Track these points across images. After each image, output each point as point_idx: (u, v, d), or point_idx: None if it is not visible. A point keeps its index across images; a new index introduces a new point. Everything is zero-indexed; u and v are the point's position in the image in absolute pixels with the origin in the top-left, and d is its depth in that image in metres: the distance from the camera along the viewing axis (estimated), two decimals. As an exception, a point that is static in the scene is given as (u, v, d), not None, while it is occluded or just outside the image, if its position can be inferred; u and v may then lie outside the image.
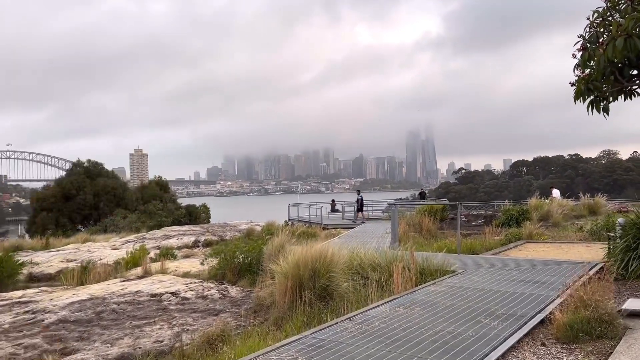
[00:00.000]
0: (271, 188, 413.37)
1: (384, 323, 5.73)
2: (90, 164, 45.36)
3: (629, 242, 8.55)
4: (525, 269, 9.04)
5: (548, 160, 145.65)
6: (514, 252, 11.87)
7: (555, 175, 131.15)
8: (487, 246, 16.04)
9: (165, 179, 52.46)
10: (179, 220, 44.69)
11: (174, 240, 21.19)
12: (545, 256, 10.91)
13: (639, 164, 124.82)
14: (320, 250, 8.38)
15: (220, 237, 22.05)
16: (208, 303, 9.09)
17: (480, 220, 24.16)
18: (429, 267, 8.99)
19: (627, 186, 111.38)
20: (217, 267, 11.22)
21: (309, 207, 34.44)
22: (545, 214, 22.41)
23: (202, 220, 48.91)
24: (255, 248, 11.16)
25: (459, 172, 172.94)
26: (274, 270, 8.32)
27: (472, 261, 10.22)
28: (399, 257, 9.19)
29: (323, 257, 8.24)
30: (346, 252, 9.78)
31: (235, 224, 26.85)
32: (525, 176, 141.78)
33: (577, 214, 23.49)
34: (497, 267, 9.30)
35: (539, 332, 5.59)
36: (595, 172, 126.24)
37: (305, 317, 7.20)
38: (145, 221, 39.78)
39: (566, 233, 17.12)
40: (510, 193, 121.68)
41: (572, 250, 11.77)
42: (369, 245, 13.58)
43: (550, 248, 12.40)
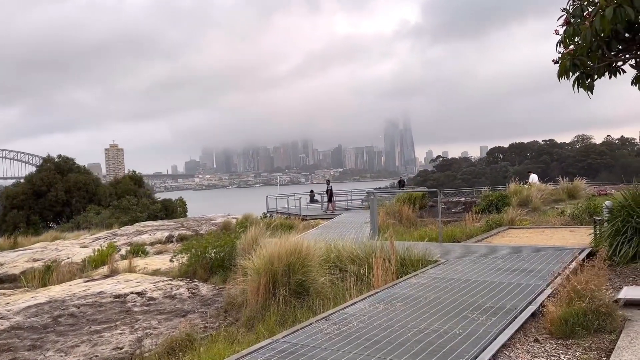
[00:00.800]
0: (250, 180, 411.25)
1: (363, 322, 5.22)
2: (61, 160, 43.88)
3: (617, 225, 8.20)
4: (510, 256, 8.64)
5: (523, 146, 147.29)
6: (496, 239, 11.50)
7: (530, 160, 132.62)
8: (468, 233, 15.71)
9: (140, 174, 51.22)
10: (154, 215, 43.66)
11: (147, 236, 20.41)
12: (529, 242, 10.54)
13: (612, 148, 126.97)
14: (296, 243, 7.83)
15: (195, 231, 21.32)
16: (176, 303, 8.48)
17: (459, 207, 23.90)
18: (410, 258, 8.52)
19: (601, 170, 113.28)
20: (187, 264, 10.59)
21: (288, 198, 33.87)
22: (525, 199, 22.23)
23: (179, 215, 47.91)
24: (228, 242, 10.56)
25: (436, 160, 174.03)
26: (245, 266, 7.74)
27: (455, 250, 9.80)
28: (379, 248, 8.70)
29: (298, 250, 7.69)
30: (323, 245, 9.26)
31: (211, 217, 26.12)
32: (502, 162, 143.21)
33: (557, 198, 23.38)
34: (480, 256, 8.88)
35: (531, 327, 5.14)
36: (570, 156, 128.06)
37: (279, 316, 6.66)
38: (119, 217, 38.68)
39: (547, 218, 16.88)
40: (487, 179, 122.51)
41: (556, 235, 11.44)
42: (347, 236, 13.09)
43: (534, 233, 12.06)
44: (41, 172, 42.01)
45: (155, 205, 44.21)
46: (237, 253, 10.39)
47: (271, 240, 10.94)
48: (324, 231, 15.78)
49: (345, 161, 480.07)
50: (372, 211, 11.77)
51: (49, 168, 41.95)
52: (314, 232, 15.74)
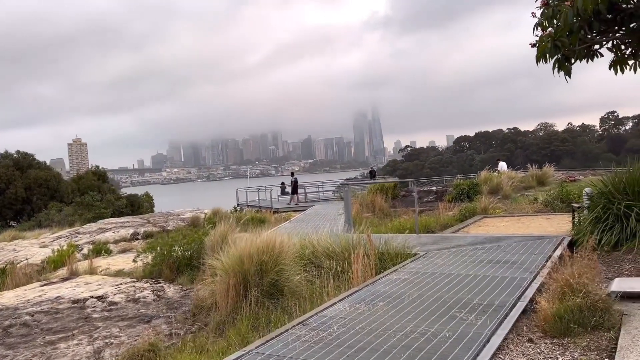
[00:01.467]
0: (220, 173, 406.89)
1: (344, 326, 4.79)
2: (20, 155, 42.01)
3: (598, 213, 8.00)
4: (490, 247, 8.36)
5: (489, 134, 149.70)
6: (473, 229, 11.25)
7: (495, 149, 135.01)
8: (442, 222, 15.50)
9: (104, 169, 49.59)
10: (120, 211, 42.34)
11: (110, 234, 19.54)
12: (507, 231, 10.32)
13: (573, 135, 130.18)
14: (267, 239, 7.34)
15: (162, 227, 20.54)
16: (140, 307, 7.89)
17: (431, 196, 23.78)
18: (388, 251, 8.14)
19: (563, 156, 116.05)
20: (152, 264, 9.97)
21: (258, 191, 33.25)
22: (495, 186, 22.25)
23: (145, 210, 46.64)
24: (195, 240, 9.98)
25: (405, 150, 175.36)
26: (213, 266, 7.22)
27: (433, 241, 9.48)
28: (355, 242, 8.29)
29: (270, 247, 7.20)
30: (297, 240, 8.81)
31: (179, 212, 25.30)
32: (468, 151, 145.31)
33: (526, 185, 23.48)
34: (460, 247, 8.58)
35: (523, 325, 4.81)
36: (534, 144, 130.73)
37: (252, 319, 6.18)
38: (82, 214, 37.34)
39: (520, 205, 16.83)
40: (455, 168, 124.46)
41: (533, 223, 11.27)
42: (321, 229, 12.66)
43: (510, 222, 11.88)
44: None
45: (120, 201, 42.87)
46: (206, 251, 9.84)
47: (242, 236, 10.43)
48: (297, 225, 15.32)
49: (315, 152, 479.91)
50: (346, 203, 11.36)
51: (7, 164, 40.09)
52: (286, 225, 15.27)
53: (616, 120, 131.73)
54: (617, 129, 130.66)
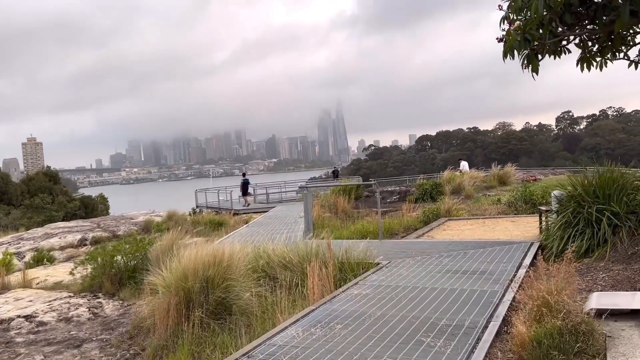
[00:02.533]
0: (182, 173, 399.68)
1: (295, 358, 4.13)
2: (-39, 156, 39.60)
3: (568, 217, 7.61)
4: (456, 254, 7.86)
5: (449, 134, 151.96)
6: (438, 233, 10.79)
7: (456, 147, 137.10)
8: (406, 225, 15.05)
9: (55, 169, 47.45)
10: (73, 213, 40.54)
11: (56, 240, 18.30)
12: (473, 235, 9.89)
13: (531, 134, 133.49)
14: (215, 251, 6.61)
15: (113, 232, 19.42)
16: (71, 328, 7.03)
17: (395, 197, 23.41)
18: (349, 261, 7.54)
19: (520, 155, 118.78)
20: (90, 276, 9.06)
21: (218, 192, 32.21)
22: (458, 186, 22.08)
23: (100, 212, 44.83)
24: (139, 249, 9.12)
25: (369, 149, 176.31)
26: (154, 283, 6.44)
27: (397, 248, 8.93)
28: (314, 250, 7.66)
29: (218, 260, 6.48)
30: (251, 249, 8.11)
31: (132, 215, 24.09)
32: (430, 150, 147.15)
33: (488, 185, 23.42)
34: (424, 254, 8.06)
35: (497, 351, 4.26)
36: (493, 143, 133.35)
37: (194, 344, 5.46)
38: (31, 217, 35.48)
39: (483, 206, 16.58)
40: (417, 167, 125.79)
41: (498, 226, 10.90)
42: (280, 235, 11.99)
43: (475, 225, 11.48)
44: (-62, 171, 37.63)
45: (72, 203, 41.03)
46: (151, 261, 9.01)
47: (193, 243, 9.64)
48: (255, 229, 14.58)
49: (279, 151, 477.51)
50: (305, 207, 10.68)
51: (-52, 165, 37.68)
52: (243, 230, 14.50)
53: (571, 119, 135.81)
54: (572, 128, 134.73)
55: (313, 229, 11.34)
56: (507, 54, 7.42)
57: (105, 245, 10.29)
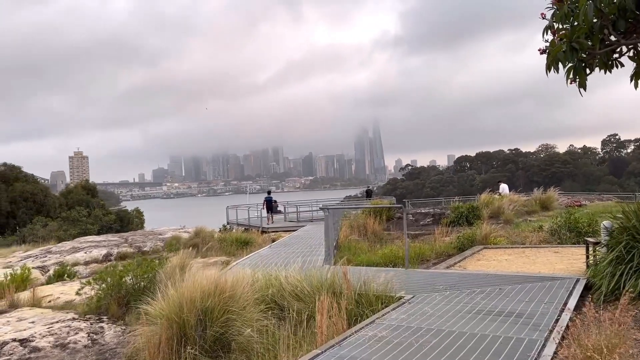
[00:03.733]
0: (220, 188, 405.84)
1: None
2: (6, 168, 40.77)
3: (620, 252, 6.65)
4: (490, 290, 6.98)
5: (490, 155, 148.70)
6: (471, 263, 9.87)
7: (496, 169, 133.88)
8: (438, 251, 14.17)
9: (94, 183, 48.33)
10: (108, 226, 41.03)
11: (81, 254, 18.15)
12: (510, 268, 8.95)
13: (575, 157, 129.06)
14: (217, 279, 5.99)
15: (139, 248, 19.17)
16: (65, 357, 6.51)
17: (428, 219, 22.39)
18: (367, 293, 6.77)
19: (564, 178, 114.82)
20: (96, 298, 8.59)
21: (248, 209, 31.84)
22: (496, 210, 20.96)
23: (135, 226, 45.28)
24: (148, 271, 8.60)
25: (405, 169, 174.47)
26: (147, 312, 5.85)
27: (423, 279, 8.09)
28: (329, 281, 6.94)
29: (220, 289, 5.86)
30: (262, 275, 7.46)
31: (161, 231, 23.92)
32: (469, 171, 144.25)
33: (529, 210, 22.14)
34: (454, 289, 7.21)
35: None
36: (535, 165, 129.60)
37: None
38: (67, 229, 36.00)
39: (523, 232, 15.48)
40: (455, 188, 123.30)
41: (540, 257, 9.89)
42: (302, 257, 11.29)
43: (513, 255, 10.50)
44: (-17, 182, 38.83)
45: (108, 217, 41.48)
46: (160, 283, 8.48)
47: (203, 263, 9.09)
48: (277, 249, 13.93)
49: (316, 169, 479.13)
50: (326, 231, 9.95)
51: (-8, 177, 38.85)
52: (264, 252, 13.88)
53: (618, 143, 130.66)
54: (618, 151, 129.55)
55: (336, 253, 10.60)
56: (551, 67, 6.60)
57: (115, 265, 9.84)
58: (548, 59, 6.38)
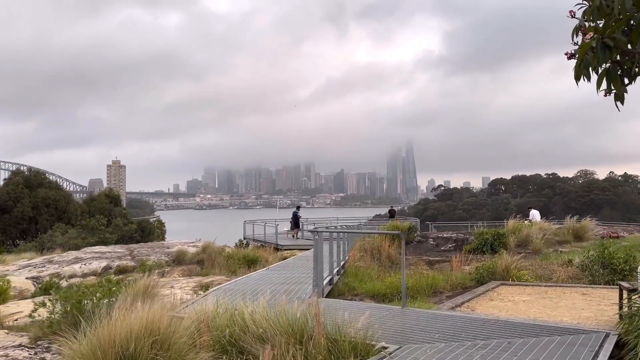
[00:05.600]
0: (251, 202, 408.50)
1: None
2: (31, 173, 41.13)
3: (662, 306, 5.27)
4: (495, 344, 5.67)
5: (526, 178, 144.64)
6: (482, 304, 8.50)
7: (532, 194, 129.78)
8: (454, 282, 12.85)
9: (117, 191, 48.41)
10: (129, 236, 40.77)
11: (80, 266, 17.43)
12: (528, 313, 7.56)
13: (615, 184, 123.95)
14: (153, 317, 4.91)
15: (141, 261, 18.35)
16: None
17: (450, 245, 20.92)
18: (343, 340, 5.56)
19: (603, 206, 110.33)
20: (47, 324, 7.62)
21: (265, 225, 30.89)
22: (524, 238, 19.39)
23: (156, 237, 44.96)
24: (107, 294, 7.60)
25: (438, 189, 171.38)
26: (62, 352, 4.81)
27: (419, 323, 6.79)
28: (299, 322, 5.78)
29: (151, 330, 4.77)
30: (226, 309, 6.36)
31: (170, 244, 23.14)
32: (503, 194, 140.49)
33: (561, 240, 20.41)
34: (452, 339, 5.91)
35: None
36: (572, 191, 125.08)
37: None
38: (85, 237, 35.78)
39: (551, 265, 13.94)
40: (488, 211, 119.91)
41: (564, 300, 8.44)
42: (295, 285, 10.12)
43: (533, 295, 9.06)
44: (8, 186, 39.18)
45: (129, 227, 41.18)
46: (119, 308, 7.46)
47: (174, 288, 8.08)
48: (272, 273, 12.80)
49: (347, 186, 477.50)
50: (315, 257, 8.67)
51: (17, 182, 39.15)
52: (256, 275, 12.75)
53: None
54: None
55: (325, 284, 9.38)
56: (580, 75, 5.25)
57: (79, 285, 8.88)
58: (577, 64, 5.09)
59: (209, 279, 15.02)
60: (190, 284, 14.37)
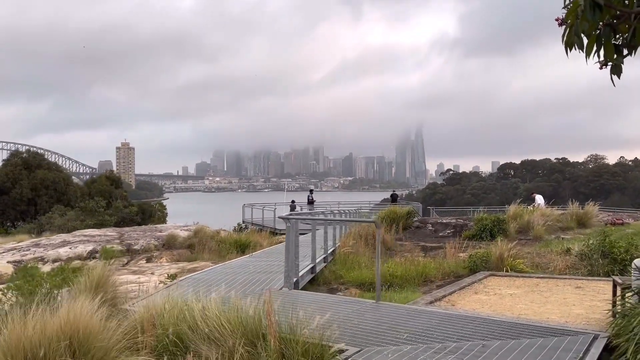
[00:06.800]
0: (260, 185, 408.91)
1: None
2: (29, 155, 40.77)
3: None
4: (468, 348, 5.05)
5: (535, 163, 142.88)
6: (465, 297, 7.86)
7: (542, 178, 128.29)
8: (446, 270, 12.32)
9: (118, 174, 48.13)
10: (129, 219, 40.50)
11: (65, 250, 16.99)
12: (512, 309, 6.92)
13: (625, 169, 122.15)
14: (75, 315, 4.34)
15: (129, 246, 17.88)
16: None
17: (448, 231, 20.25)
18: (297, 341, 4.97)
19: (613, 191, 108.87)
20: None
21: (263, 208, 30.44)
22: (526, 224, 18.72)
23: (157, 220, 44.72)
24: (57, 285, 7.07)
25: (446, 173, 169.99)
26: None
27: (390, 321, 6.17)
28: (253, 321, 5.20)
29: (72, 331, 4.20)
30: (173, 305, 5.79)
31: (162, 228, 22.64)
32: (512, 179, 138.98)
33: (564, 226, 19.68)
34: (420, 340, 5.30)
35: None
36: (582, 176, 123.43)
37: None
38: (84, 220, 35.51)
39: (549, 254, 13.29)
40: (497, 195, 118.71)
41: (555, 295, 7.79)
42: (270, 275, 9.55)
43: (522, 288, 8.42)
44: (6, 167, 38.88)
45: (129, 209, 40.86)
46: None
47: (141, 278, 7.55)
48: (252, 261, 12.24)
49: (355, 170, 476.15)
50: (287, 246, 8.03)
51: (16, 163, 38.83)
52: (237, 262, 12.21)
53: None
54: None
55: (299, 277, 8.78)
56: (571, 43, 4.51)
57: (34, 272, 8.34)
58: (565, 30, 4.37)
59: (194, 264, 14.51)
60: (173, 269, 13.90)
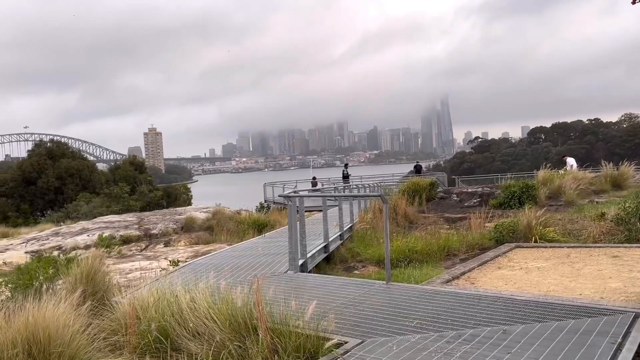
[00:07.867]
0: (286, 163, 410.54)
1: None
2: (53, 144, 41.15)
3: None
4: (486, 335, 4.39)
5: (567, 125, 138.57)
6: (486, 274, 7.16)
7: (574, 141, 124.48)
8: (470, 242, 11.68)
9: (142, 158, 48.28)
10: (155, 203, 40.73)
11: (83, 237, 16.86)
12: (539, 285, 6.21)
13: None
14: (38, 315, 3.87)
15: (146, 230, 17.65)
16: None
17: (474, 200, 19.38)
18: (291, 332, 4.41)
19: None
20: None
21: (284, 186, 29.98)
22: (556, 190, 17.75)
23: (182, 203, 44.89)
24: (47, 277, 6.67)
25: (475, 141, 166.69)
26: None
27: (400, 304, 5.54)
28: (243, 312, 4.66)
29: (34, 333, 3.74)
30: (159, 297, 5.30)
31: (181, 211, 22.39)
32: (544, 143, 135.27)
33: (597, 189, 18.64)
34: (431, 328, 4.67)
35: None
36: (617, 136, 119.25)
37: None
38: (109, 206, 35.79)
39: (582, 220, 12.41)
40: (528, 161, 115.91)
41: (589, 266, 7.02)
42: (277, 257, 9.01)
43: (551, 260, 7.66)
44: (32, 158, 39.34)
45: (153, 193, 41.05)
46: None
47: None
48: (264, 242, 11.72)
49: (381, 143, 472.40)
50: (290, 227, 7.40)
51: (40, 153, 39.27)
52: (245, 245, 11.71)
53: None
54: None
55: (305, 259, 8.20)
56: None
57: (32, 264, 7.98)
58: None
59: (209, 247, 14.14)
60: (187, 253, 13.55)
